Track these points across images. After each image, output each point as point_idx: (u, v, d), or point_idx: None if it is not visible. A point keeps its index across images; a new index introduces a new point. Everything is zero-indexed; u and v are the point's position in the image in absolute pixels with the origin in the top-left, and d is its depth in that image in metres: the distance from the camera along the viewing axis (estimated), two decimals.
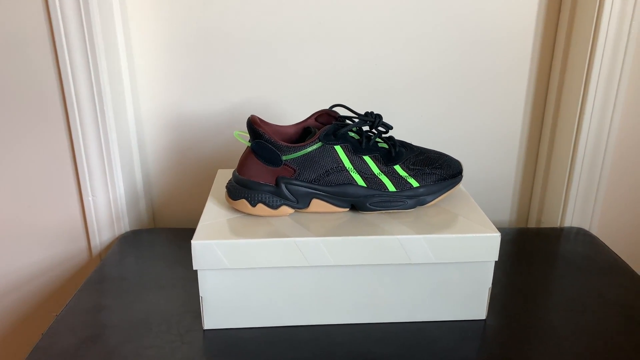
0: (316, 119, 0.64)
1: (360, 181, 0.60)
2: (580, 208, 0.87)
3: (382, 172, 0.61)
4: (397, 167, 0.61)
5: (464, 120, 0.89)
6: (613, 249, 0.80)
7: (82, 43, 0.74)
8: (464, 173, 0.90)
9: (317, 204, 0.61)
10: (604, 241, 0.84)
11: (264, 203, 0.60)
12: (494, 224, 0.60)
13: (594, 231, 0.89)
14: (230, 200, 0.62)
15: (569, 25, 0.81)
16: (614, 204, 0.91)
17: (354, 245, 0.57)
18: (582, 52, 0.79)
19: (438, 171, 0.63)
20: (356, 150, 0.60)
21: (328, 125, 0.61)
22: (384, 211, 0.62)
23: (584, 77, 0.79)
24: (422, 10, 0.82)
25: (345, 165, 0.60)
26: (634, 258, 0.94)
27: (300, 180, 0.60)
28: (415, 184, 0.61)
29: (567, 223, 0.88)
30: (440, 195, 0.63)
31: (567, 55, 0.82)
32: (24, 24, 0.75)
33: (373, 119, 0.62)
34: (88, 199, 0.83)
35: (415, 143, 0.89)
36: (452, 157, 0.66)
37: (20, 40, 0.76)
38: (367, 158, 0.61)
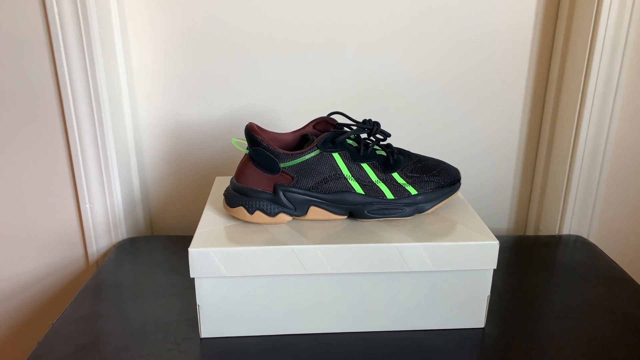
0: (314, 127, 0.64)
1: (358, 189, 0.60)
2: (578, 216, 0.87)
3: (380, 179, 0.61)
4: (396, 175, 0.61)
5: (462, 126, 0.89)
6: (611, 257, 0.80)
7: (79, 49, 0.74)
8: (462, 180, 0.90)
9: (315, 212, 0.61)
10: (602, 249, 0.84)
11: (262, 210, 0.60)
12: (492, 232, 0.59)
13: (592, 239, 0.89)
14: (227, 207, 0.61)
15: (567, 28, 0.81)
16: (612, 211, 0.91)
17: (351, 253, 0.56)
18: (580, 54, 0.79)
19: (436, 179, 0.63)
20: (354, 157, 0.60)
21: (326, 132, 0.61)
22: (382, 219, 0.62)
23: (582, 80, 0.79)
24: (418, 14, 0.82)
25: (344, 173, 0.60)
26: (632, 266, 0.94)
27: (298, 188, 0.60)
28: (413, 191, 0.61)
29: (566, 231, 0.88)
30: (438, 203, 0.63)
31: (565, 58, 0.82)
32: (21, 28, 0.75)
33: (371, 126, 0.62)
34: (85, 206, 0.83)
35: (412, 149, 0.89)
36: (450, 165, 0.66)
37: (18, 45, 0.75)
38: (365, 165, 0.61)
